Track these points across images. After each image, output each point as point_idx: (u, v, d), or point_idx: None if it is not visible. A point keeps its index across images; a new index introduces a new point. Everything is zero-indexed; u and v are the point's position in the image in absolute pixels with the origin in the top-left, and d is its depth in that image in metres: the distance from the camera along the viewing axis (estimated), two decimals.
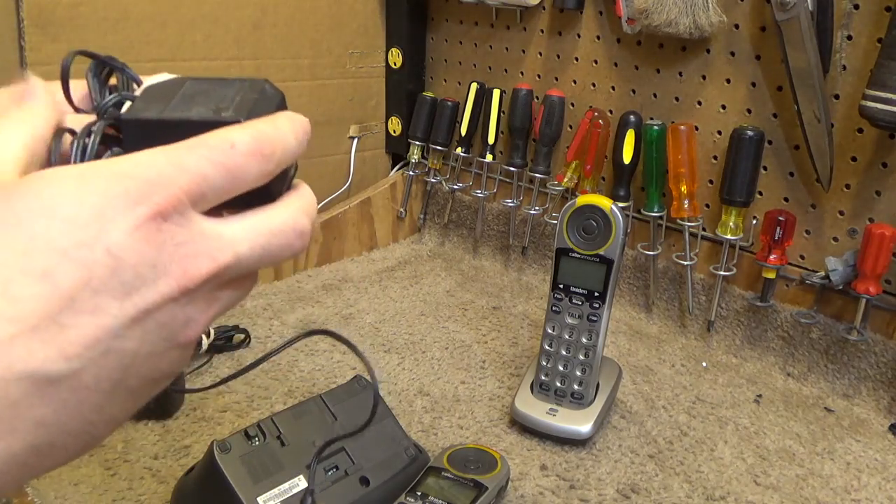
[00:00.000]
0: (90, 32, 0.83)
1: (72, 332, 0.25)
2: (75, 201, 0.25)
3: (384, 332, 0.89)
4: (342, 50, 1.09)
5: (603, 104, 0.96)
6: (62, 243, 0.25)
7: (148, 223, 0.26)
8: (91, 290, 0.25)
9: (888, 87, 0.67)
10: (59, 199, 0.25)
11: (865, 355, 0.78)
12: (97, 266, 0.25)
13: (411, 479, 0.59)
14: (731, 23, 0.82)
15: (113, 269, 0.25)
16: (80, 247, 0.25)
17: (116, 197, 0.25)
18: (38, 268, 0.24)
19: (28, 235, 0.25)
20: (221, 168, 0.27)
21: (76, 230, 0.25)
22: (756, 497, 0.64)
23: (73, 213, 0.25)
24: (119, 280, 0.25)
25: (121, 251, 0.25)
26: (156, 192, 0.26)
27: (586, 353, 0.71)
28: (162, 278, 0.26)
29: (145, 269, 0.26)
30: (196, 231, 0.27)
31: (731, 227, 0.84)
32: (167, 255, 0.26)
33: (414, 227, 1.20)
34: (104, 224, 0.25)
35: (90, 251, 0.25)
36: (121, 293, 0.25)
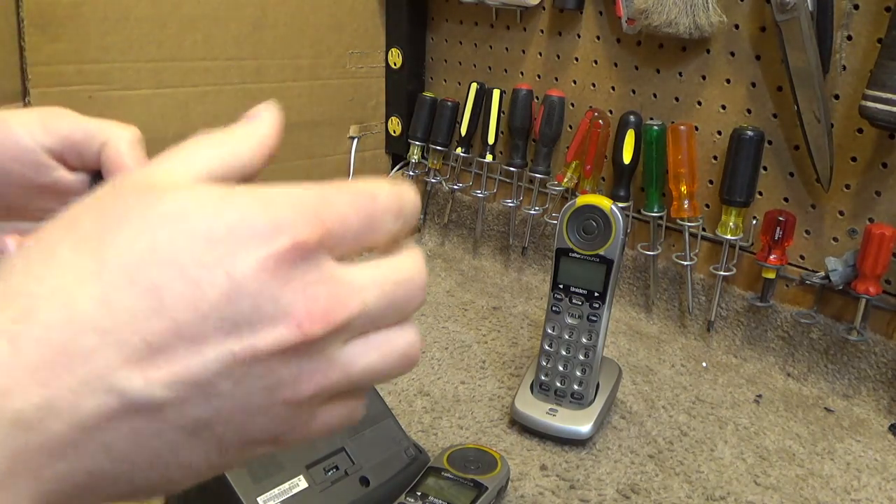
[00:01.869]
0: (90, 32, 0.83)
1: (163, 358, 0.22)
2: (211, 217, 0.23)
3: None
4: (342, 50, 1.09)
5: (603, 104, 0.96)
6: (183, 259, 0.22)
7: (283, 255, 0.23)
8: (200, 315, 0.22)
9: (888, 87, 0.67)
10: (195, 211, 0.23)
11: (865, 355, 0.78)
12: (212, 290, 0.22)
13: (411, 479, 0.59)
14: (731, 23, 0.82)
15: (229, 297, 0.22)
16: (200, 266, 0.22)
17: (256, 220, 0.23)
18: (148, 280, 0.22)
19: (149, 242, 0.22)
20: (364, 215, 0.25)
21: (202, 248, 0.22)
22: (756, 497, 0.64)
23: (203, 229, 0.22)
24: (233, 311, 0.22)
25: (244, 279, 0.22)
26: (299, 225, 0.23)
27: (586, 354, 0.70)
28: (282, 319, 0.23)
29: (266, 305, 0.23)
30: (327, 273, 0.24)
31: (731, 228, 0.84)
32: (292, 294, 0.23)
33: (414, 227, 1.19)
34: (235, 247, 0.22)
35: (210, 273, 0.22)
36: (231, 326, 0.22)
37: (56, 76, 0.82)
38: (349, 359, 0.25)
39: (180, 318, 0.22)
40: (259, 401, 0.24)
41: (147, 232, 0.22)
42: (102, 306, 0.21)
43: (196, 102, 0.95)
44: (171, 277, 0.22)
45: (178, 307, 0.22)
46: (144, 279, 0.22)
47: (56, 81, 0.82)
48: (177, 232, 0.22)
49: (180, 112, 0.93)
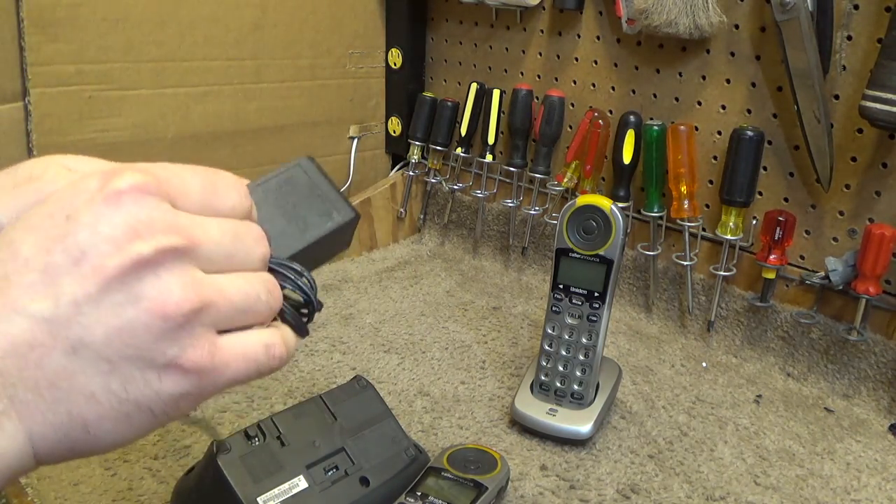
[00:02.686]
0: (90, 32, 0.83)
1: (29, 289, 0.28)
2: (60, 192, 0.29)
3: (384, 332, 0.89)
4: (342, 50, 1.09)
5: (603, 104, 0.96)
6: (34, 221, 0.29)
7: (113, 190, 0.28)
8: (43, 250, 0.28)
9: (888, 87, 0.67)
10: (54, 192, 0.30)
11: (865, 355, 0.78)
12: (53, 228, 0.28)
13: (411, 479, 0.59)
14: (731, 23, 0.82)
15: (65, 231, 0.28)
16: (46, 216, 0.28)
17: (92, 175, 0.29)
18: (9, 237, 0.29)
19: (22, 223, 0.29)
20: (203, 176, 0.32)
21: (48, 206, 0.29)
22: (756, 497, 0.64)
23: (54, 198, 0.29)
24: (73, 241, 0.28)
25: (78, 214, 0.28)
26: (130, 175, 0.29)
27: (586, 354, 0.71)
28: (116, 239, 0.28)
29: (104, 228, 0.28)
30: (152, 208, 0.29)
31: (731, 228, 0.84)
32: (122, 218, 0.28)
33: (414, 228, 1.20)
34: (71, 197, 0.29)
35: (53, 220, 0.28)
36: (74, 256, 0.28)
37: (56, 76, 0.82)
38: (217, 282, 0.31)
39: (30, 257, 0.28)
40: (129, 313, 0.28)
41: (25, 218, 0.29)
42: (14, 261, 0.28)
43: (196, 102, 0.95)
44: (23, 232, 0.28)
45: (34, 248, 0.28)
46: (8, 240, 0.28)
47: (56, 81, 0.82)
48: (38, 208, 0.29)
49: (180, 112, 0.93)
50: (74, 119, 0.84)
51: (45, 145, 0.82)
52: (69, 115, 0.84)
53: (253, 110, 1.01)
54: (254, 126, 1.02)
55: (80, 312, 0.27)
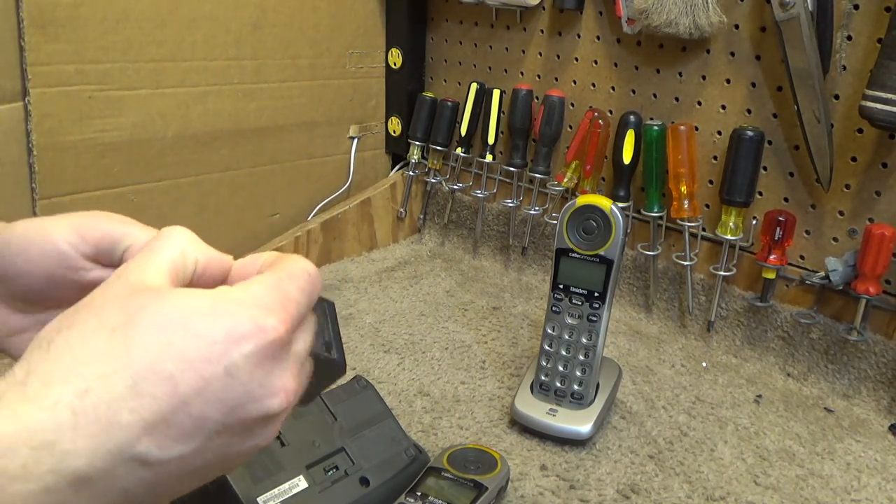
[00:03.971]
0: (90, 32, 0.83)
1: (175, 429, 0.29)
2: (209, 320, 0.30)
3: (384, 332, 0.89)
4: (342, 50, 1.09)
5: (603, 104, 0.96)
6: (191, 355, 0.29)
7: (266, 350, 0.30)
8: (203, 400, 0.29)
9: (888, 87, 0.67)
10: (196, 316, 0.30)
11: (865, 355, 0.78)
12: (215, 380, 0.29)
13: (411, 479, 0.59)
14: (731, 23, 0.82)
15: (226, 386, 0.29)
16: (204, 361, 0.29)
17: (245, 322, 0.30)
18: (166, 371, 0.29)
19: (165, 342, 0.29)
20: (308, 295, 0.33)
21: (205, 346, 0.29)
22: (756, 497, 0.64)
23: (205, 331, 0.29)
24: (229, 396, 0.30)
25: (239, 372, 0.30)
26: (275, 323, 0.31)
27: (586, 354, 0.70)
28: (267, 397, 0.31)
29: (254, 390, 0.30)
30: (292, 356, 0.32)
31: (731, 228, 0.84)
32: (271, 381, 0.31)
33: (414, 228, 1.20)
34: (230, 345, 0.30)
35: (212, 366, 0.29)
36: (227, 408, 0.30)
37: (56, 76, 0.82)
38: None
39: (190, 401, 0.29)
40: (236, 448, 0.31)
41: (162, 334, 0.29)
42: (132, 391, 0.28)
43: (196, 102, 0.94)
44: (183, 370, 0.29)
45: (188, 393, 0.29)
46: (164, 370, 0.29)
47: (56, 81, 0.82)
48: (186, 334, 0.29)
49: (180, 112, 0.93)
50: (74, 119, 0.84)
51: (45, 145, 0.82)
52: (69, 115, 0.84)
53: (253, 110, 1.01)
54: (254, 126, 1.02)
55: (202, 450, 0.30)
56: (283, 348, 0.31)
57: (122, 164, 0.90)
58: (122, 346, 0.29)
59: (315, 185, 1.12)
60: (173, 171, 0.95)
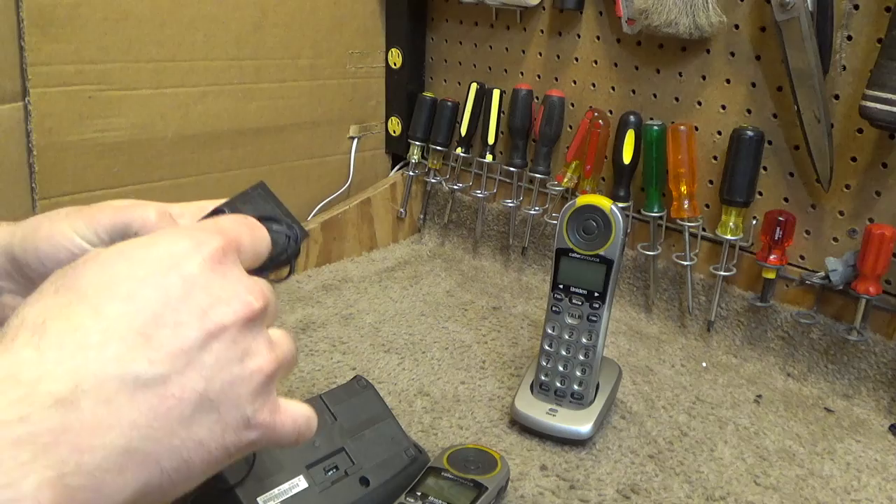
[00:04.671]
0: (90, 32, 0.83)
1: (155, 342, 0.29)
2: (148, 247, 0.32)
3: (384, 332, 0.89)
4: (342, 50, 1.09)
5: (603, 104, 0.96)
6: (140, 273, 0.30)
7: (213, 258, 0.32)
8: (171, 308, 0.30)
9: (888, 87, 0.67)
10: (136, 247, 0.32)
11: (865, 355, 0.78)
12: (173, 289, 0.30)
13: (411, 479, 0.59)
14: (731, 23, 0.82)
15: (188, 291, 0.31)
16: (157, 275, 0.30)
17: (185, 241, 0.32)
18: (122, 292, 0.30)
19: (112, 272, 0.30)
20: (248, 232, 0.36)
21: (152, 263, 0.31)
22: (756, 497, 0.64)
23: (146, 254, 0.31)
24: (195, 301, 0.31)
25: (194, 278, 0.31)
26: (214, 239, 0.33)
27: (586, 354, 0.71)
28: (233, 300, 0.32)
29: (218, 292, 0.31)
30: (242, 273, 0.34)
31: (731, 228, 0.84)
32: (231, 284, 0.32)
33: (414, 228, 1.20)
34: (177, 259, 0.31)
35: (165, 278, 0.30)
36: (196, 310, 0.30)
37: (56, 76, 0.82)
38: (276, 339, 0.35)
39: (158, 311, 0.30)
40: (236, 370, 0.31)
41: (106, 268, 0.31)
42: (94, 315, 0.29)
43: (196, 102, 0.94)
44: (138, 286, 0.30)
45: (153, 306, 0.30)
46: (119, 292, 0.30)
47: (56, 81, 0.82)
48: (129, 262, 0.31)
49: (180, 112, 0.93)
50: (74, 119, 0.84)
51: (45, 145, 0.82)
52: (69, 115, 0.84)
53: (253, 110, 1.01)
54: (254, 126, 1.01)
55: (197, 366, 0.30)
56: (229, 256, 0.33)
57: (122, 164, 0.90)
58: (72, 288, 0.30)
59: (315, 185, 1.12)
60: (173, 171, 0.95)
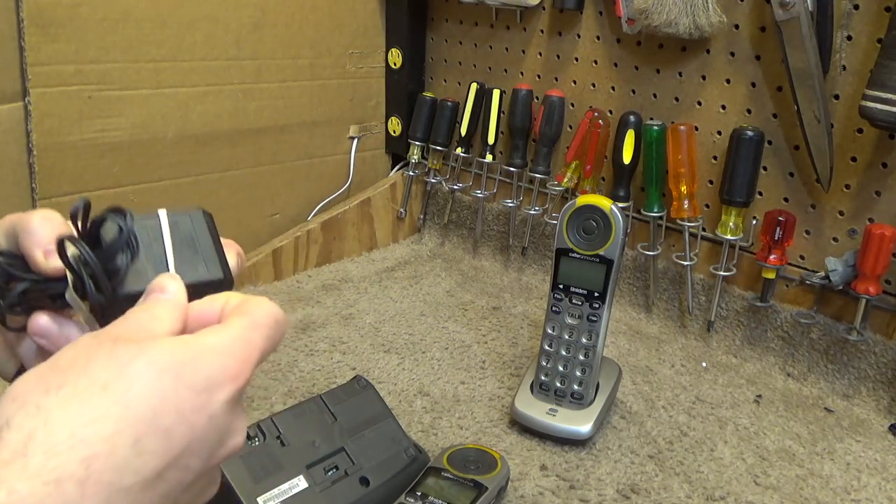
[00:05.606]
0: (90, 32, 0.83)
1: (165, 483, 0.30)
2: (192, 370, 0.31)
3: (384, 332, 0.89)
4: (342, 50, 1.09)
5: (603, 104, 0.96)
6: (183, 406, 0.31)
7: (235, 396, 0.33)
8: (189, 451, 0.31)
9: (888, 87, 0.67)
10: (182, 366, 0.31)
11: (865, 355, 0.78)
12: (200, 430, 0.31)
13: (411, 479, 0.59)
14: (731, 23, 0.82)
15: (209, 433, 0.32)
16: (193, 412, 0.31)
17: (220, 371, 0.32)
18: (164, 425, 0.30)
19: (161, 395, 0.30)
20: (274, 343, 0.36)
21: (193, 396, 0.31)
22: (756, 497, 0.64)
23: (191, 381, 0.31)
24: (208, 444, 0.32)
25: (217, 419, 0.32)
26: (243, 371, 0.33)
27: (586, 354, 0.70)
28: (235, 434, 0.34)
29: (226, 430, 0.33)
30: (242, 405, 0.35)
31: (731, 228, 0.84)
32: (237, 420, 0.34)
33: (414, 228, 1.20)
34: (211, 395, 0.32)
35: (199, 416, 0.31)
36: (206, 455, 0.32)
37: (56, 76, 0.82)
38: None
39: (181, 453, 0.31)
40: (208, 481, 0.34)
41: (156, 385, 0.30)
42: (134, 451, 0.29)
43: (196, 102, 0.94)
44: (177, 422, 0.30)
45: (181, 445, 0.30)
46: (161, 426, 0.30)
47: (56, 81, 0.82)
48: (177, 385, 0.31)
49: (180, 112, 0.93)
50: (74, 119, 0.84)
51: (45, 145, 0.82)
52: (69, 115, 0.84)
53: (253, 110, 1.01)
54: (254, 126, 1.02)
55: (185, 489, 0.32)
56: (243, 391, 0.34)
57: (122, 164, 0.90)
58: (121, 403, 0.29)
59: (315, 185, 1.12)
60: (173, 171, 0.95)
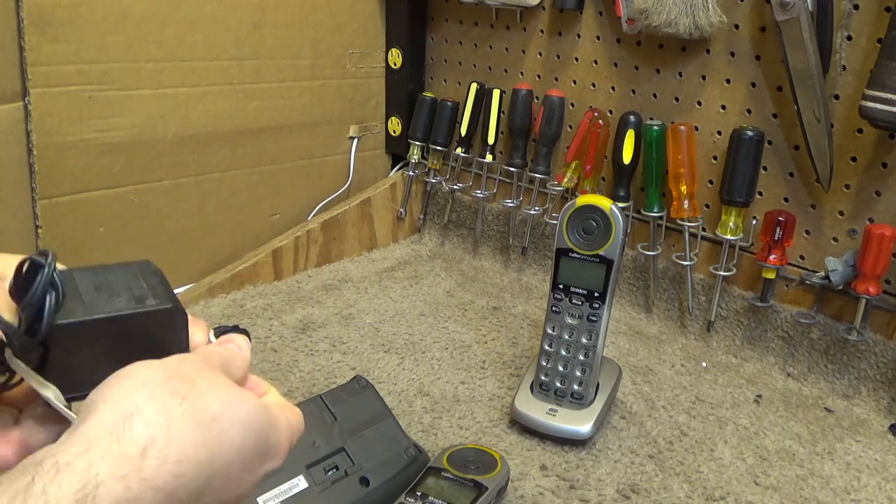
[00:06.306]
0: (90, 32, 0.83)
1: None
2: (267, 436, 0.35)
3: (384, 332, 0.89)
4: (342, 50, 1.09)
5: (603, 104, 0.96)
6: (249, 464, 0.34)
7: (274, 471, 0.36)
8: (228, 476, 0.33)
9: (888, 87, 0.67)
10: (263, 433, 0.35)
11: (865, 355, 0.78)
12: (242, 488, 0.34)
13: (411, 479, 0.59)
14: (731, 23, 0.82)
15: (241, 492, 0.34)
16: (249, 472, 0.34)
17: (277, 445, 0.36)
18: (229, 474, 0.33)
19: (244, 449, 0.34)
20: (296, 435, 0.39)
21: (257, 460, 0.34)
22: (756, 497, 0.64)
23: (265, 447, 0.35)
24: (247, 472, 0.34)
25: (253, 483, 0.35)
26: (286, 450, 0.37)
27: (586, 354, 0.70)
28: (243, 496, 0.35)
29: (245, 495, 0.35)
30: None
31: (731, 228, 0.84)
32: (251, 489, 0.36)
33: (414, 228, 1.20)
34: (264, 462, 0.35)
35: (249, 477, 0.34)
36: (239, 480, 0.34)
37: (56, 76, 0.82)
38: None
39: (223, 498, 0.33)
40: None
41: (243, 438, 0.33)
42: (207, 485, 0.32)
43: (196, 102, 0.94)
44: (240, 471, 0.33)
45: (228, 493, 0.33)
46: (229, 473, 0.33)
47: (56, 81, 0.82)
48: (256, 445, 0.34)
49: (180, 112, 0.93)
50: (74, 119, 0.84)
51: (45, 145, 0.82)
52: (69, 115, 0.84)
53: (253, 110, 1.01)
54: (254, 126, 1.02)
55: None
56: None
57: (122, 164, 0.90)
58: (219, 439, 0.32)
59: (315, 185, 1.12)
60: (173, 171, 0.95)
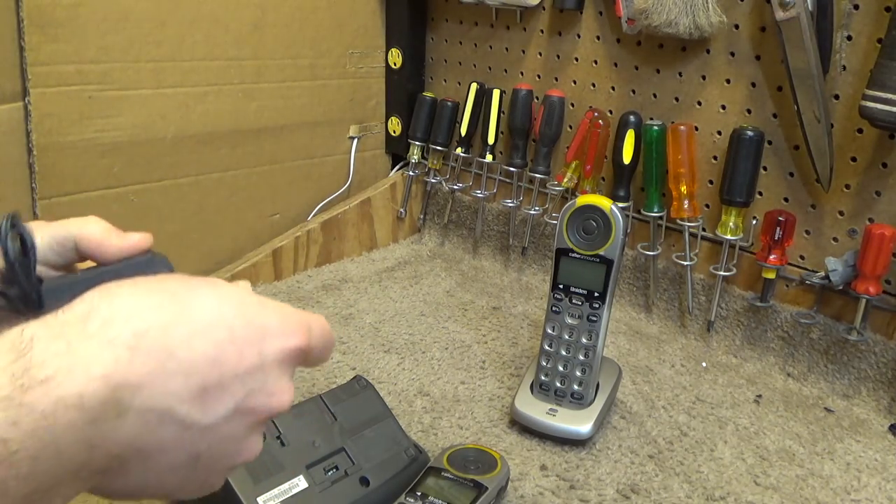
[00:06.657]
0: (90, 32, 0.83)
1: (205, 402, 0.31)
2: (258, 310, 0.34)
3: (384, 332, 0.89)
4: (342, 50, 1.09)
5: (603, 104, 0.96)
6: (238, 333, 0.32)
7: (286, 357, 0.34)
8: (233, 378, 0.32)
9: (888, 87, 0.67)
10: (249, 304, 0.33)
11: (865, 355, 0.78)
12: (247, 362, 0.32)
13: (411, 479, 0.59)
14: (731, 23, 0.82)
15: (255, 372, 0.33)
16: (246, 343, 0.32)
17: (277, 325, 0.34)
18: (215, 337, 0.31)
19: (219, 313, 0.32)
20: (324, 345, 0.37)
21: (251, 329, 0.33)
22: (756, 497, 0.64)
23: (253, 316, 0.33)
24: (253, 379, 0.33)
25: (266, 366, 0.33)
26: (297, 336, 0.35)
27: (586, 354, 0.71)
28: (274, 395, 0.34)
29: (270, 383, 0.33)
30: (292, 379, 0.36)
31: (731, 228, 0.84)
32: (286, 382, 0.34)
33: (414, 228, 1.20)
34: (265, 339, 0.33)
35: (250, 349, 0.32)
36: (246, 391, 0.32)
37: (56, 76, 0.82)
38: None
39: (225, 373, 0.32)
40: (238, 437, 0.34)
41: (220, 305, 0.32)
42: (186, 344, 0.30)
43: (196, 102, 0.94)
44: (229, 341, 0.32)
45: (226, 365, 0.32)
46: (214, 335, 0.31)
47: (56, 81, 0.82)
48: (239, 312, 0.33)
49: (180, 112, 0.93)
50: (74, 119, 0.84)
51: (45, 145, 0.82)
52: (69, 115, 0.84)
53: (253, 110, 1.01)
54: (254, 126, 1.02)
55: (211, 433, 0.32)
56: (296, 361, 0.35)
57: (122, 164, 0.90)
58: (184, 304, 0.31)
59: (315, 185, 1.12)
60: (173, 171, 0.95)
